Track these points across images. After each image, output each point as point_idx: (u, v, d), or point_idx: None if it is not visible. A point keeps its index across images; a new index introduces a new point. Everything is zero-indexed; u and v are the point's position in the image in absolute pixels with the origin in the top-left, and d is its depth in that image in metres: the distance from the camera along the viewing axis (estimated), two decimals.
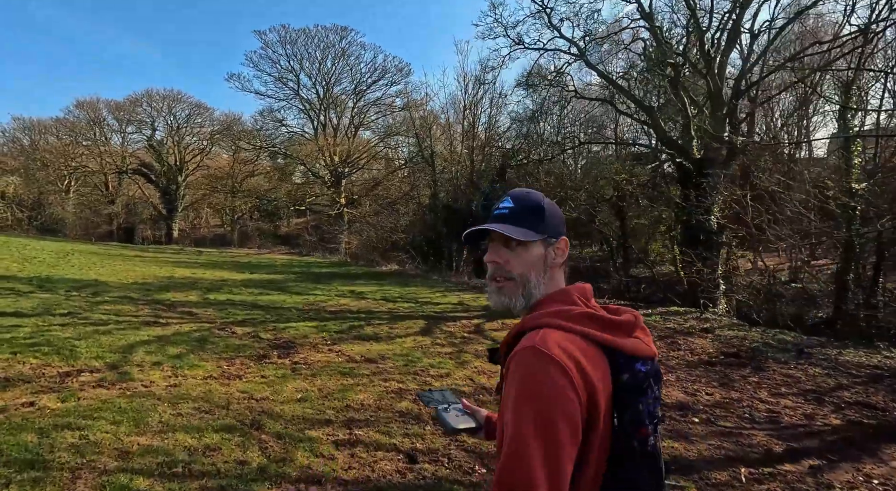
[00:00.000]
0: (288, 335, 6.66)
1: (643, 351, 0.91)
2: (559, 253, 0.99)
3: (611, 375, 0.86)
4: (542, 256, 0.97)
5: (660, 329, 8.56)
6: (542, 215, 0.98)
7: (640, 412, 0.87)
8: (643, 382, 0.88)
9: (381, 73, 28.73)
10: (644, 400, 0.88)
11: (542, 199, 1.01)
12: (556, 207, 1.02)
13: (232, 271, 15.44)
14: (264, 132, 30.39)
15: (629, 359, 0.88)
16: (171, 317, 7.39)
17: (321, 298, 10.72)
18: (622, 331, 0.91)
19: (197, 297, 9.77)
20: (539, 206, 0.99)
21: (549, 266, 0.97)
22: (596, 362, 0.84)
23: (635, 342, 0.91)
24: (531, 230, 0.96)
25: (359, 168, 30.54)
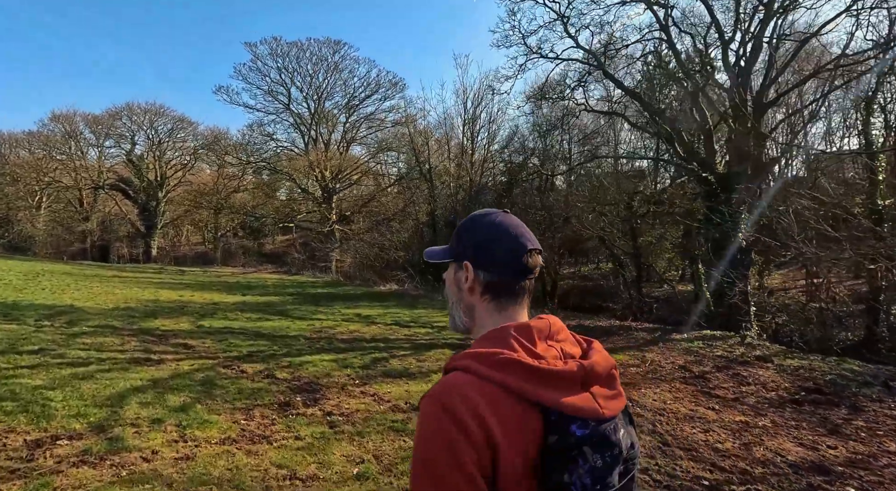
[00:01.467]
0: (307, 373, 5.64)
1: (583, 409, 0.75)
2: (465, 278, 0.89)
3: (541, 433, 0.73)
4: (453, 280, 0.93)
5: (710, 357, 7.78)
6: (456, 237, 0.93)
7: (566, 484, 0.72)
8: (573, 447, 0.73)
9: (374, 88, 28.09)
10: (573, 470, 0.72)
11: (471, 218, 0.94)
12: (479, 228, 0.90)
13: (222, 293, 14.22)
14: (252, 146, 29.29)
15: (563, 418, 0.73)
16: (163, 352, 6.28)
17: (328, 324, 9.67)
18: (558, 383, 0.75)
19: (189, 324, 8.62)
20: (460, 226, 0.93)
21: (462, 291, 0.90)
22: (514, 418, 0.73)
23: (576, 397, 0.75)
24: (444, 251, 0.94)
25: (351, 184, 29.56)
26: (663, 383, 6.27)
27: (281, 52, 27.20)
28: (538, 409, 0.74)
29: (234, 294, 14.13)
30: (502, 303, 0.88)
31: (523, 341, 0.80)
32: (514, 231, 0.89)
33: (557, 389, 0.75)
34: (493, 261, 0.87)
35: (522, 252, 0.87)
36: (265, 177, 37.71)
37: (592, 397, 0.78)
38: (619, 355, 7.80)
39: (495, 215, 0.91)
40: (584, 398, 0.76)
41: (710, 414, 5.00)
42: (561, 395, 0.75)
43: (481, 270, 0.88)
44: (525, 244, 0.88)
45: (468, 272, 0.88)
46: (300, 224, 28.66)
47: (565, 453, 0.73)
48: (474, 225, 0.91)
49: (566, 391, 0.76)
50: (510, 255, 0.87)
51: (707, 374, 6.80)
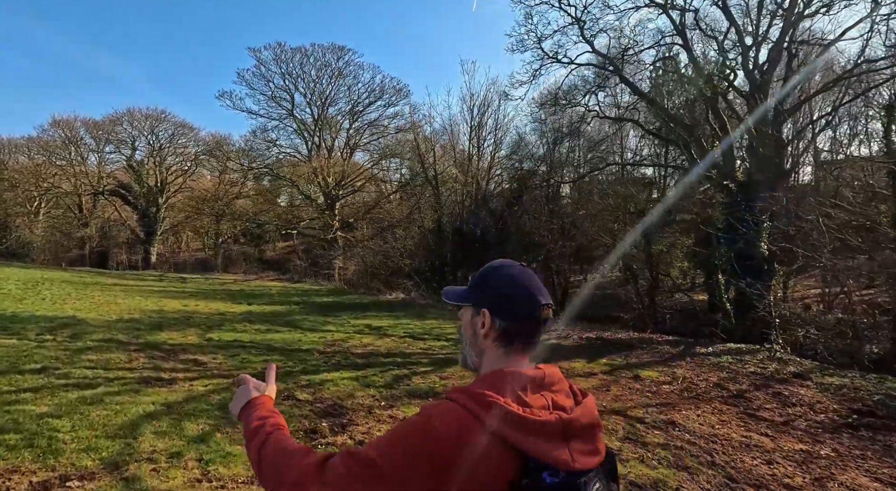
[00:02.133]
0: (329, 394, 5.27)
1: (557, 460, 0.81)
2: (482, 324, 0.96)
3: (514, 476, 0.79)
4: (469, 323, 0.99)
5: (744, 374, 7.44)
6: (476, 284, 1.00)
7: None
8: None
9: (378, 94, 27.86)
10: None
11: (494, 267, 1.00)
12: (497, 279, 0.98)
13: (227, 302, 13.83)
14: (255, 152, 28.98)
15: (538, 465, 0.80)
16: (174, 369, 5.91)
17: (339, 336, 9.31)
18: (538, 433, 0.82)
19: (197, 337, 8.25)
20: (482, 274, 1.01)
21: (476, 335, 0.97)
22: (490, 454, 0.79)
23: (554, 448, 0.82)
24: (462, 295, 1.02)
25: (354, 190, 29.24)
26: (703, 404, 5.92)
27: (285, 58, 27.04)
28: (516, 453, 0.79)
29: (240, 303, 13.74)
30: (511, 350, 0.94)
31: (515, 388, 0.86)
32: (530, 286, 0.95)
33: (536, 438, 0.80)
34: (510, 312, 0.94)
35: (537, 307, 0.94)
36: (266, 183, 37.46)
37: (568, 450, 0.83)
38: (649, 371, 7.45)
39: (513, 268, 0.98)
40: (559, 449, 0.82)
41: (765, 441, 4.65)
42: (537, 443, 0.80)
43: (498, 319, 0.94)
44: (540, 300, 0.94)
45: (486, 318, 0.95)
46: (303, 231, 28.29)
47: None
48: (494, 275, 0.98)
49: (544, 441, 0.81)
50: (526, 308, 0.94)
51: (746, 393, 6.45)
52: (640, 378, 7.12)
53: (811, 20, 11.08)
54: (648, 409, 5.59)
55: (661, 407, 5.69)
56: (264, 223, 27.71)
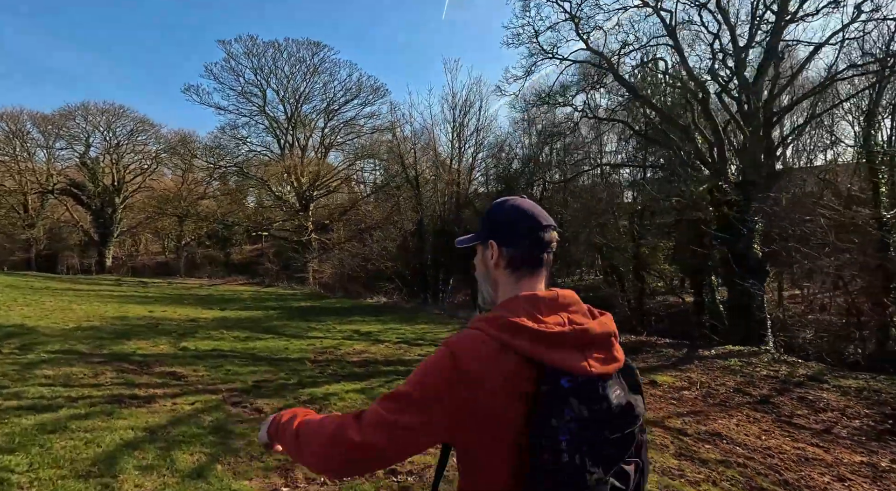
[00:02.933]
0: (336, 409, 4.62)
1: (572, 367, 0.87)
2: (491, 256, 1.01)
3: (534, 385, 0.86)
4: (481, 259, 1.05)
5: (759, 377, 7.20)
6: (482, 222, 1.05)
7: (553, 428, 0.84)
8: (559, 398, 0.85)
9: (355, 93, 26.99)
10: (559, 416, 0.84)
11: (496, 204, 1.05)
12: (500, 211, 1.03)
13: (197, 307, 12.77)
14: (224, 149, 27.51)
15: (553, 371, 0.86)
16: (150, 385, 5.10)
17: (328, 343, 8.58)
18: (553, 343, 0.88)
19: (170, 346, 7.35)
20: (486, 212, 1.07)
21: (488, 269, 1.03)
22: (510, 368, 0.86)
23: (569, 356, 0.88)
24: (471, 237, 1.07)
25: (329, 191, 28.22)
26: (733, 411, 5.59)
27: (257, 52, 25.84)
28: (534, 364, 0.86)
29: (212, 309, 12.71)
30: (522, 275, 1.00)
31: (528, 308, 0.92)
32: (530, 211, 1.02)
33: (551, 348, 0.87)
34: (514, 237, 1.00)
35: (539, 228, 1.00)
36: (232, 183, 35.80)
37: (584, 357, 0.89)
38: (663, 376, 7.10)
39: (513, 200, 1.05)
40: (574, 357, 0.88)
41: (820, 453, 4.31)
42: (553, 352, 0.87)
43: (504, 247, 1.00)
44: (541, 221, 1.01)
45: (493, 249, 1.01)
46: (275, 233, 27.05)
47: (553, 401, 0.84)
48: (496, 209, 1.05)
49: (559, 350, 0.87)
50: (529, 231, 1.00)
51: (770, 398, 6.17)
52: (657, 384, 6.76)
53: (802, 23, 11.15)
54: (683, 418, 5.19)
55: (694, 416, 5.31)
56: (233, 225, 26.28)
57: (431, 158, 21.68)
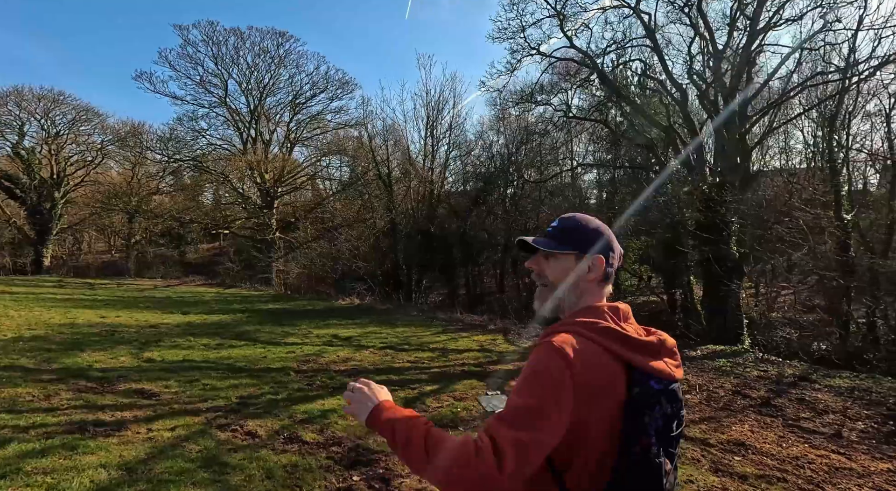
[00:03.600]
0: (341, 431, 4.12)
1: (661, 371, 1.00)
2: (592, 268, 1.09)
3: (626, 387, 0.96)
4: (572, 269, 1.10)
5: (752, 378, 7.23)
6: (575, 234, 1.12)
7: (645, 424, 0.95)
8: (653, 397, 0.97)
9: (322, 86, 25.94)
10: (651, 413, 0.96)
11: (582, 219, 1.14)
12: (595, 229, 1.12)
13: (156, 311, 11.76)
14: (180, 142, 25.80)
15: (644, 375, 0.97)
16: (116, 406, 4.42)
17: (309, 350, 7.99)
18: (643, 350, 0.99)
19: (132, 358, 6.57)
20: (574, 226, 1.13)
21: (579, 279, 1.09)
22: (606, 370, 0.96)
23: (655, 362, 1.00)
24: (561, 244, 1.11)
25: (295, 188, 27.08)
26: (740, 415, 5.48)
27: (217, 40, 24.35)
28: (624, 366, 0.97)
29: (172, 313, 11.73)
30: (604, 287, 1.12)
31: (614, 317, 1.04)
32: (614, 237, 1.13)
33: (643, 354, 0.99)
34: (612, 257, 1.11)
35: (622, 252, 1.15)
36: (187, 178, 33.87)
37: (666, 363, 1.02)
38: None
39: (594, 220, 1.15)
40: (661, 363, 1.01)
41: (845, 461, 4.22)
42: (646, 358, 0.99)
43: (606, 264, 1.10)
44: (620, 247, 1.14)
45: (598, 263, 1.09)
46: (236, 231, 25.68)
47: (647, 400, 0.96)
48: (592, 226, 1.13)
49: (649, 356, 1.00)
50: (619, 253, 1.14)
51: (771, 400, 6.15)
52: None
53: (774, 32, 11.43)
54: (699, 426, 5.03)
55: (709, 423, 5.15)
56: (191, 222, 24.71)
57: (404, 156, 21.16)
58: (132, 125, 29.35)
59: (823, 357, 12.03)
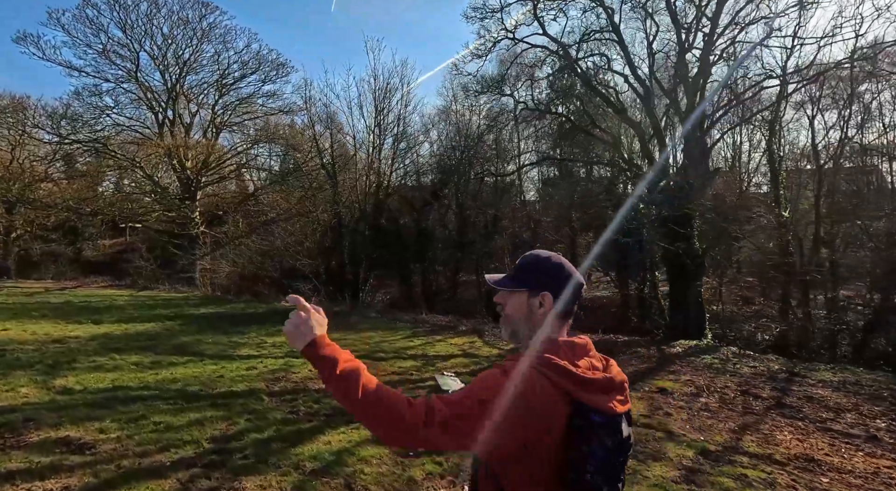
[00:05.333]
0: (370, 481, 3.13)
1: (603, 406, 1.08)
2: (543, 304, 1.17)
3: (567, 419, 1.05)
4: (524, 304, 1.19)
5: (751, 376, 7.12)
6: (529, 272, 1.21)
7: (584, 453, 1.04)
8: (592, 429, 1.05)
9: (254, 66, 23.49)
10: (591, 444, 1.04)
11: (537, 259, 1.22)
12: (548, 268, 1.20)
13: (57, 321, 9.61)
14: (73, 119, 22.09)
15: (586, 408, 1.06)
16: (31, 473, 3.07)
17: (272, 364, 6.75)
18: (588, 387, 1.07)
19: (39, 389, 4.97)
20: (527, 264, 1.22)
21: (532, 313, 1.18)
22: (549, 399, 1.04)
23: (599, 398, 1.08)
24: (515, 282, 1.21)
25: (222, 178, 24.41)
26: (769, 419, 5.21)
27: (125, 4, 21.11)
28: (569, 400, 1.06)
29: (80, 322, 9.65)
30: (562, 323, 1.19)
31: (569, 354, 1.12)
32: (573, 271, 1.20)
33: (586, 391, 1.07)
34: (564, 293, 1.17)
35: (580, 287, 1.21)
36: (82, 164, 29.44)
37: (610, 399, 1.10)
38: (663, 381, 6.66)
39: (555, 256, 1.22)
40: (604, 399, 1.09)
41: None
42: (592, 395, 1.07)
43: (557, 300, 1.17)
44: (581, 281, 1.21)
45: (546, 300, 1.17)
46: (151, 225, 22.57)
47: (586, 432, 1.05)
48: (544, 263, 1.21)
49: (595, 393, 1.08)
50: (575, 289, 1.19)
51: (783, 400, 6.00)
52: (667, 391, 6.26)
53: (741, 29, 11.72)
54: (746, 438, 4.62)
55: (751, 432, 4.78)
56: (93, 214, 21.27)
57: (349, 145, 19.75)
58: (12, 98, 24.78)
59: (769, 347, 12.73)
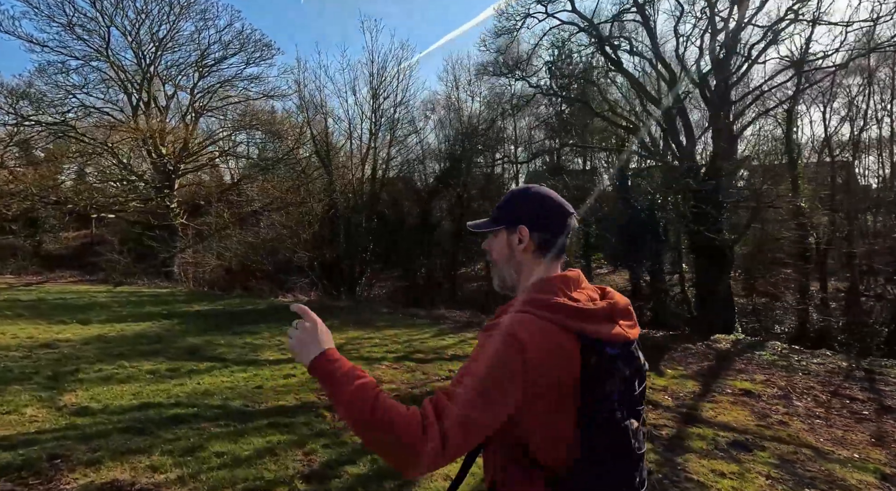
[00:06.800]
0: None
1: (615, 336, 0.99)
2: (522, 240, 1.08)
3: (581, 358, 0.96)
4: (505, 243, 1.11)
5: (823, 374, 6.68)
6: (506, 208, 1.13)
7: (606, 391, 0.96)
8: (610, 363, 0.96)
9: (238, 47, 21.91)
10: (611, 380, 0.96)
11: (516, 193, 1.15)
12: (525, 199, 1.11)
13: (38, 322, 8.38)
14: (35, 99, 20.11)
15: (599, 343, 0.96)
16: None
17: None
18: (594, 319, 0.98)
19: (47, 409, 4.00)
20: (506, 201, 1.14)
21: (513, 251, 1.10)
22: (559, 346, 0.94)
23: (608, 327, 0.99)
24: (491, 222, 1.14)
25: (203, 165, 22.83)
26: (888, 426, 4.73)
27: None
28: (577, 337, 0.96)
29: (63, 322, 8.45)
30: (547, 258, 1.09)
31: (563, 289, 1.02)
32: (557, 198, 1.11)
33: (595, 323, 0.98)
34: (546, 223, 1.09)
35: (566, 214, 1.10)
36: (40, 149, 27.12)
37: (620, 327, 1.01)
38: (742, 383, 6.18)
39: (537, 187, 1.14)
40: (614, 327, 1.00)
41: None
42: (598, 326, 0.98)
43: (535, 232, 1.08)
44: (568, 208, 1.11)
45: (524, 234, 1.08)
46: (126, 216, 20.84)
47: (604, 368, 0.96)
48: (522, 195, 1.13)
49: (601, 323, 0.99)
50: (559, 218, 1.09)
51: (884, 402, 5.54)
52: (753, 394, 5.75)
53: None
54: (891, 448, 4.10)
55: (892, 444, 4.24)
56: (61, 203, 19.39)
57: (345, 130, 18.64)
58: None
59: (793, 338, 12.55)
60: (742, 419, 4.73)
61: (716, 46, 11.20)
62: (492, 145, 17.20)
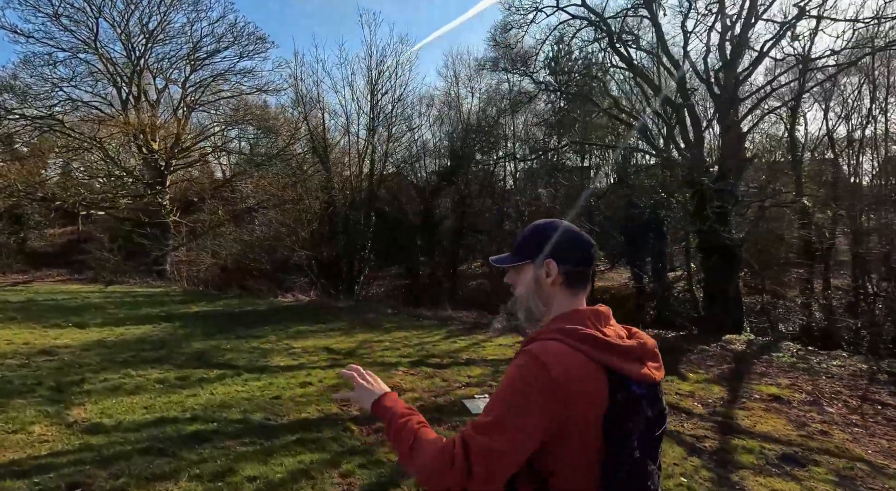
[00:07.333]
0: None
1: (643, 376, 0.99)
2: (549, 273, 1.08)
3: (608, 393, 0.94)
4: (532, 277, 1.11)
5: (845, 377, 6.60)
6: (530, 241, 1.13)
7: (629, 429, 0.95)
8: (635, 402, 0.96)
9: (231, 40, 21.35)
10: (635, 418, 0.96)
11: (536, 227, 1.15)
12: (545, 233, 1.12)
13: (31, 325, 8.00)
14: (19, 92, 19.45)
15: (627, 380, 0.96)
16: None
17: (326, 377, 5.66)
18: (624, 355, 0.98)
19: (56, 427, 3.71)
20: (527, 235, 1.15)
21: (541, 285, 1.10)
22: (588, 377, 0.94)
23: (636, 366, 0.99)
24: (516, 256, 1.14)
25: (195, 161, 22.29)
26: None
27: None
28: (605, 372, 0.95)
29: (59, 326, 8.08)
30: (574, 290, 1.09)
31: (594, 321, 1.03)
32: (579, 232, 1.13)
33: (624, 360, 0.98)
34: (571, 259, 1.09)
35: (590, 247, 1.11)
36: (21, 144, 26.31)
37: (648, 368, 1.01)
38: (768, 388, 6.05)
39: (559, 223, 1.14)
40: (642, 368, 1.00)
41: None
42: (627, 364, 0.98)
43: (562, 265, 1.08)
44: (590, 241, 1.12)
45: (552, 268, 1.08)
46: (116, 214, 20.26)
47: (629, 406, 0.95)
48: (546, 231, 1.12)
49: (630, 361, 0.99)
50: (582, 251, 1.10)
51: None
52: (783, 399, 5.62)
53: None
54: None
55: None
56: (49, 200, 18.74)
57: (342, 125, 18.28)
58: None
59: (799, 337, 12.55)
60: (781, 429, 4.58)
61: (724, 42, 11.07)
62: (493, 142, 16.96)
